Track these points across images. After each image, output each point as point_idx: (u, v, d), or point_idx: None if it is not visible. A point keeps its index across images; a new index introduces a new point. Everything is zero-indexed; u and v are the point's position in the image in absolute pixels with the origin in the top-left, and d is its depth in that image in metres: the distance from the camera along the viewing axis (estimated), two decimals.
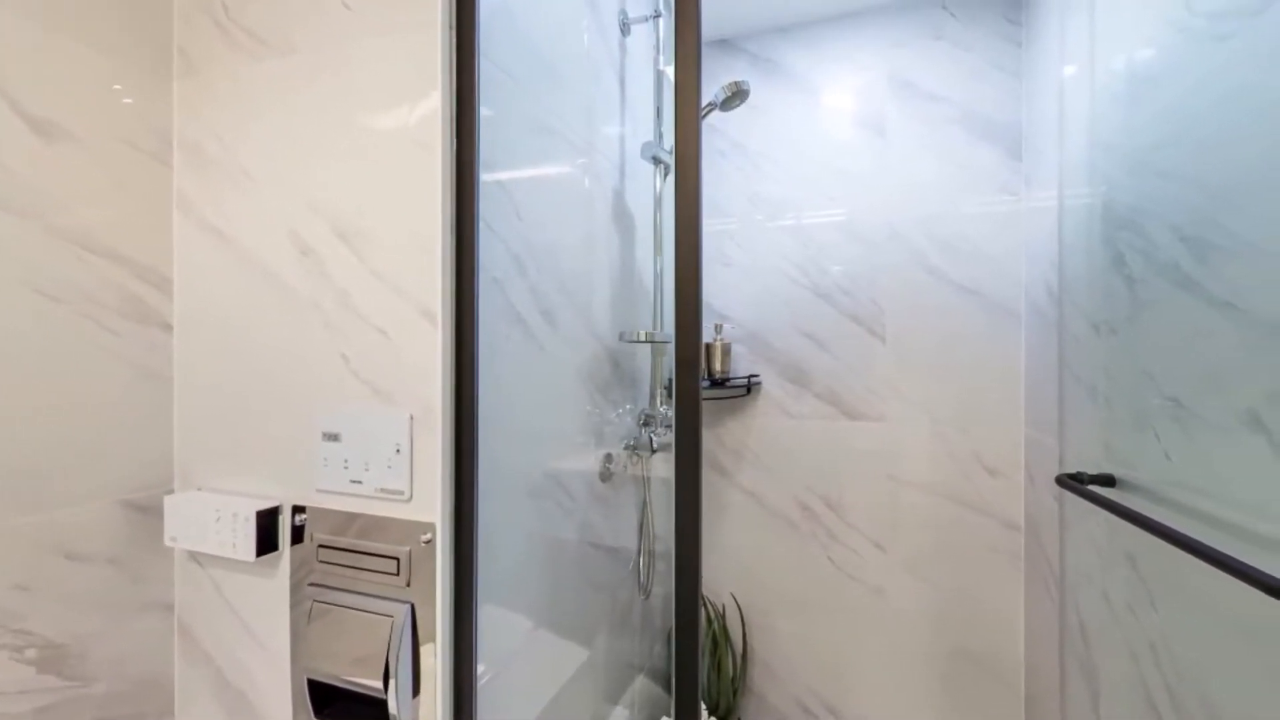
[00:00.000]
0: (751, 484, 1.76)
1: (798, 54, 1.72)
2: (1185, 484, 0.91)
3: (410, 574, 0.82)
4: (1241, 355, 0.80)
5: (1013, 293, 1.55)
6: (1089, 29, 1.21)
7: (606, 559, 1.32)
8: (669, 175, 1.37)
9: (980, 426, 1.56)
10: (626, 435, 1.39)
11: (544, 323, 1.10)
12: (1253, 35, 0.79)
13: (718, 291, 1.77)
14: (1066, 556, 1.30)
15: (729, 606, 1.76)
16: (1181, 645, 0.93)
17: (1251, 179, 0.79)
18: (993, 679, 1.56)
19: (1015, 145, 1.55)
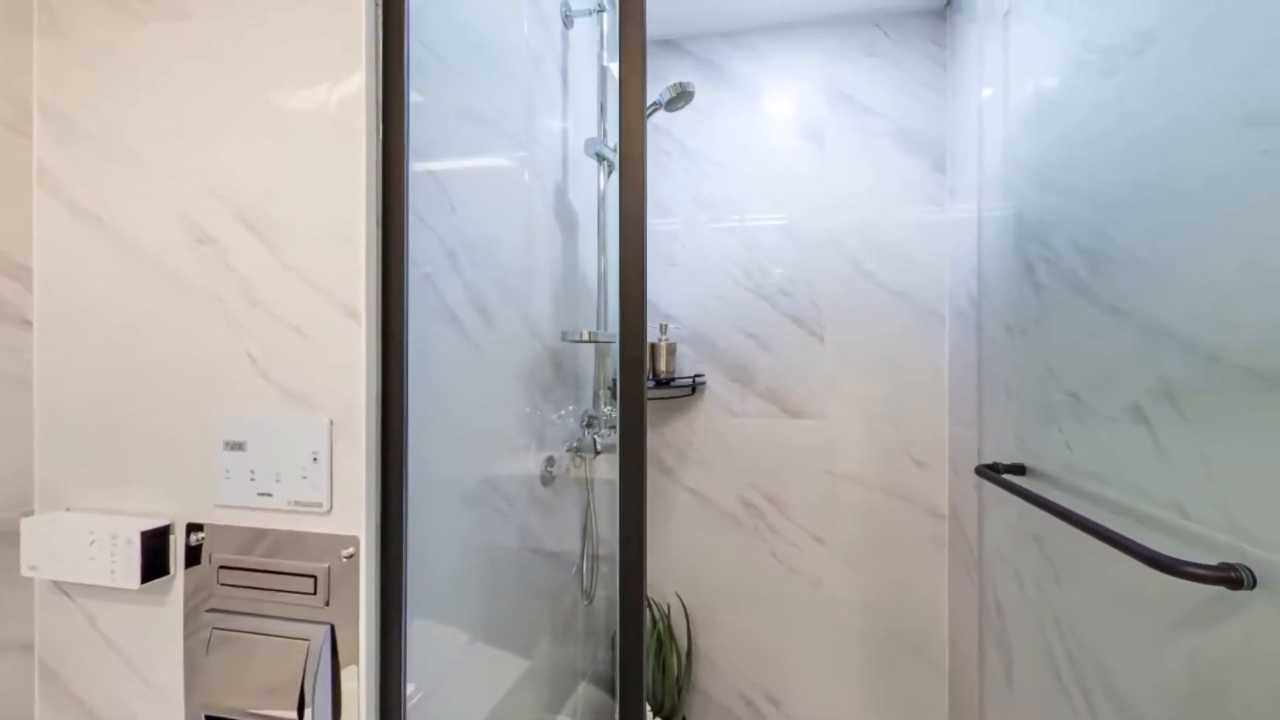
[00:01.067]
0: (696, 482, 1.77)
1: (741, 59, 1.74)
2: (1083, 470, 1.00)
3: (330, 592, 0.76)
4: (1127, 355, 0.88)
5: (938, 296, 1.64)
6: (1003, 56, 1.30)
7: (548, 565, 1.29)
8: (613, 173, 1.35)
9: (910, 422, 1.65)
10: (569, 437, 1.36)
11: (480, 321, 1.05)
12: (1135, 72, 0.87)
13: (663, 291, 1.77)
14: (985, 540, 1.39)
15: (674, 606, 1.77)
16: (1080, 616, 1.01)
17: (1134, 197, 0.88)
18: (920, 658, 1.65)
19: (941, 159, 1.64)
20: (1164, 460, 0.80)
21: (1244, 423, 0.68)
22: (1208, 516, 0.73)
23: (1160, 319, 0.82)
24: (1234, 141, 0.70)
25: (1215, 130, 0.73)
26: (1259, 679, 0.66)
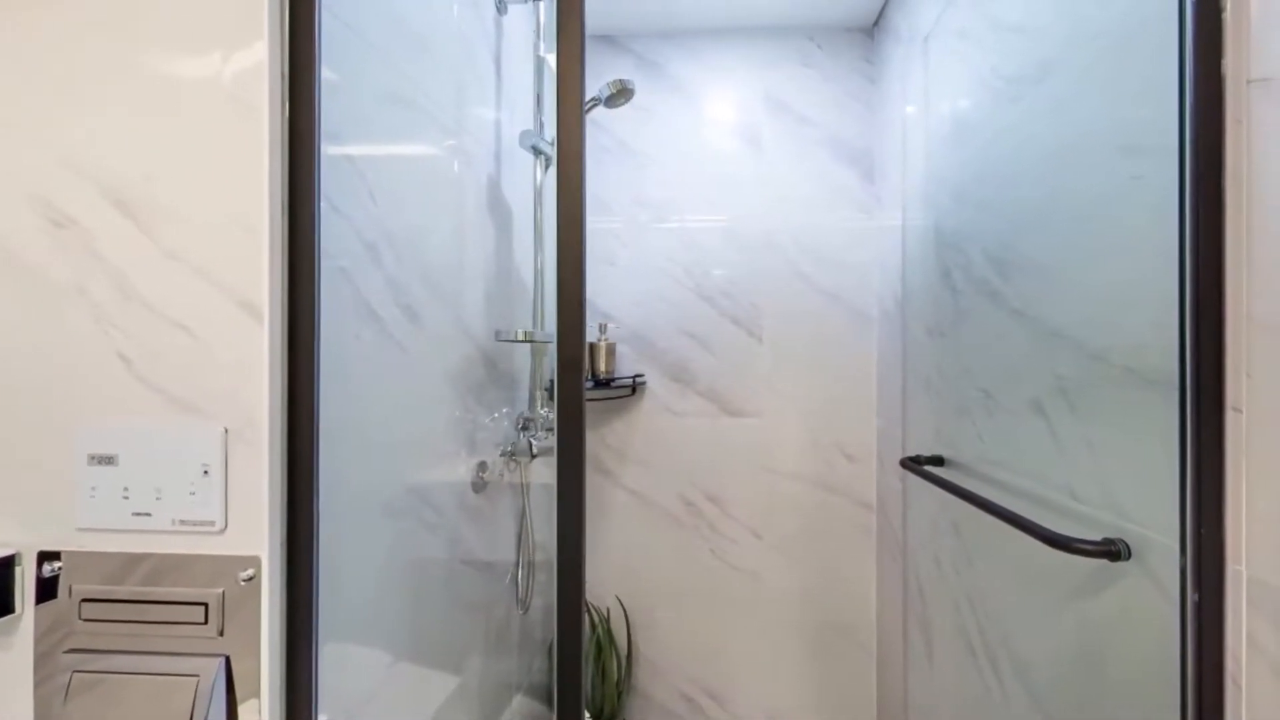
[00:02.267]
0: (636, 483, 1.76)
1: (682, 61, 1.75)
2: (992, 460, 1.08)
3: (224, 621, 0.68)
4: (1030, 355, 0.96)
5: (868, 299, 1.71)
6: (924, 77, 1.37)
7: (480, 576, 1.23)
8: (550, 168, 1.31)
9: (841, 418, 1.72)
10: (503, 441, 1.30)
11: (405, 319, 0.98)
12: (1035, 99, 0.95)
13: (602, 291, 1.74)
14: (908, 528, 1.47)
15: (614, 609, 1.75)
16: (989, 593, 1.09)
17: (1035, 212, 0.96)
18: (850, 643, 1.73)
19: (870, 169, 1.72)
20: (1058, 449, 0.89)
21: (1122, 415, 0.76)
22: (1093, 497, 0.81)
23: (1056, 323, 0.90)
24: (1113, 166, 0.78)
25: (1099, 155, 0.82)
26: (1132, 636, 0.73)
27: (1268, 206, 0.58)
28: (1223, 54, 0.62)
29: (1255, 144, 0.60)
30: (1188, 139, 0.64)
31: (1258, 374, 0.59)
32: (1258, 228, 0.59)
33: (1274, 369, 0.57)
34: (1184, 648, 0.63)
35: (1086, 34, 0.84)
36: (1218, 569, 0.62)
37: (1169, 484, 0.65)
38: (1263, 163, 0.59)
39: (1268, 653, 0.58)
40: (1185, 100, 0.64)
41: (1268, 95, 0.59)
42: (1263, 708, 0.58)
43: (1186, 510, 0.63)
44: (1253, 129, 0.60)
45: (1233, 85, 0.62)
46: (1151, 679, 0.68)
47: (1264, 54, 0.59)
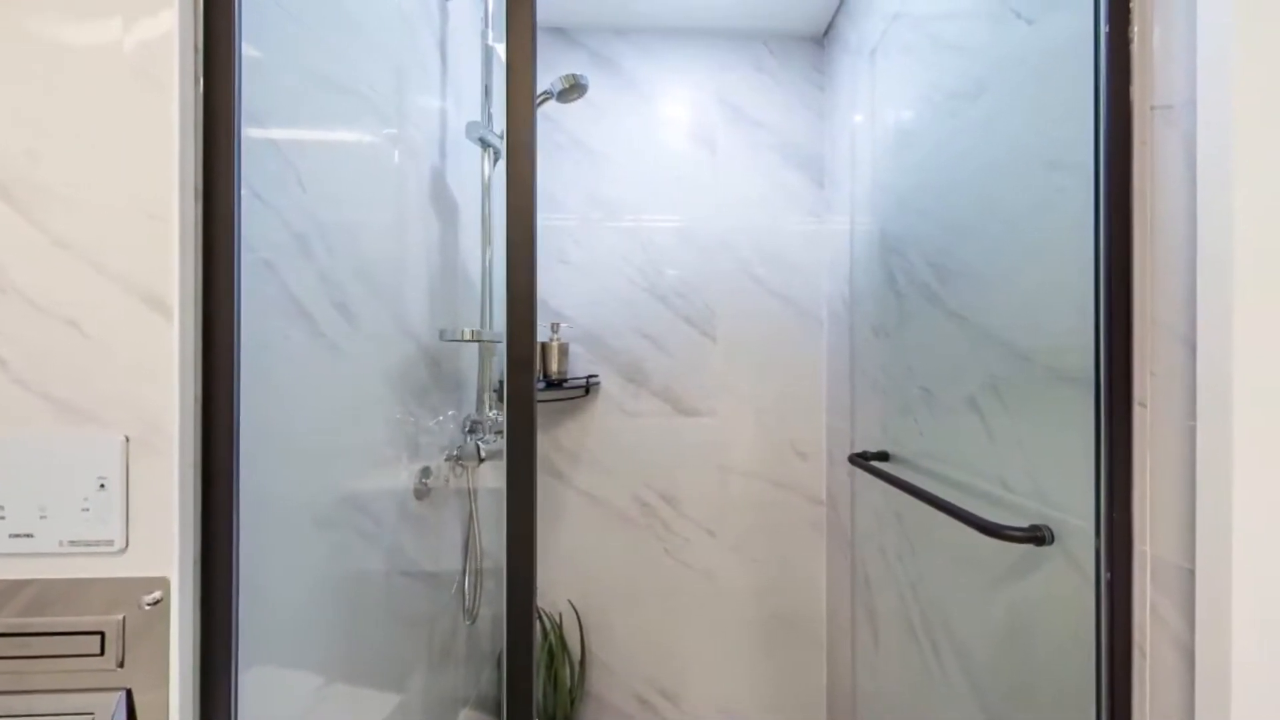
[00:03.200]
0: (589, 485, 1.74)
1: (637, 59, 1.73)
2: (933, 454, 1.13)
3: (125, 650, 0.61)
4: (966, 354, 1.01)
5: (818, 301, 1.75)
6: (870, 88, 1.42)
7: (423, 587, 1.17)
8: (499, 161, 1.27)
9: (793, 416, 1.75)
10: (449, 445, 1.25)
11: (339, 317, 0.92)
12: (971, 114, 1.00)
13: (555, 289, 1.71)
14: (856, 521, 1.52)
15: (566, 614, 1.72)
16: (930, 580, 1.14)
17: (970, 220, 1.01)
18: (802, 635, 1.77)
19: (820, 175, 1.76)
20: (991, 442, 0.94)
21: (1046, 410, 0.81)
22: (1022, 487, 0.86)
23: (989, 324, 0.95)
24: (1039, 180, 0.83)
25: (1027, 169, 0.86)
26: (1056, 614, 0.79)
27: (1167, 221, 0.63)
28: (1131, 82, 0.67)
29: (1157, 165, 0.65)
30: (1101, 158, 0.68)
31: (1160, 372, 0.64)
32: (1159, 239, 0.64)
33: (1173, 367, 0.62)
34: (1099, 622, 0.68)
35: (1016, 56, 0.88)
36: (1127, 550, 0.67)
37: (1086, 473, 0.70)
38: (1163, 182, 0.64)
39: (1168, 624, 0.63)
40: (1099, 122, 0.69)
41: (1168, 121, 0.64)
42: (1164, 673, 0.63)
43: (1100, 497, 0.68)
44: (1155, 151, 0.65)
45: (1139, 110, 0.67)
46: (1073, 652, 0.73)
47: (1165, 83, 0.64)
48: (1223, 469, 0.56)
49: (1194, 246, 0.60)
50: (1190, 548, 0.60)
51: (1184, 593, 0.61)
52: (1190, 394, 0.60)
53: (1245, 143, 0.56)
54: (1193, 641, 0.59)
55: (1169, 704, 0.63)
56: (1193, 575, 0.60)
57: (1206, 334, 0.58)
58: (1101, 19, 0.69)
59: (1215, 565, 0.57)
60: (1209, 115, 0.58)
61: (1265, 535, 0.56)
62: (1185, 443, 0.61)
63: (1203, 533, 0.58)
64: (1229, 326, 0.56)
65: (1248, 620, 0.55)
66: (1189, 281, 0.60)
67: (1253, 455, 0.55)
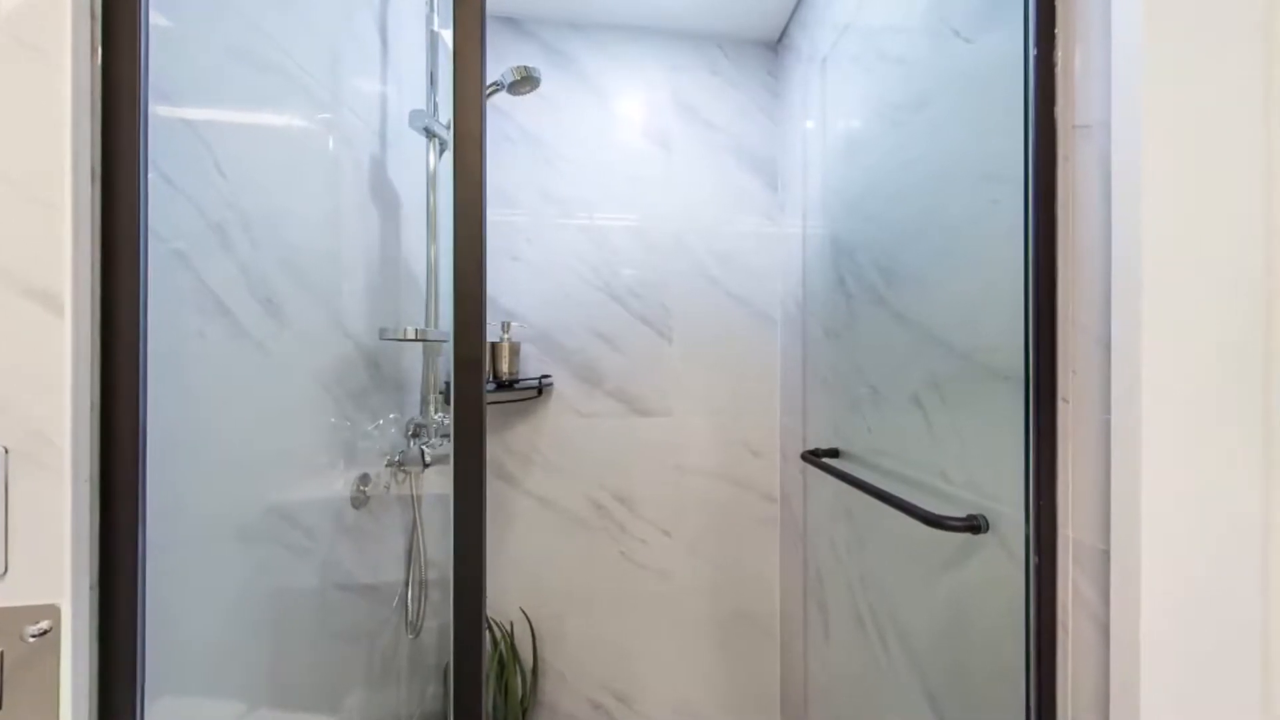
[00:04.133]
0: (542, 488, 1.70)
1: (592, 54, 1.71)
2: (880, 450, 1.17)
3: (1, 689, 0.54)
4: (910, 354, 1.04)
5: (772, 302, 1.78)
6: (821, 96, 1.45)
7: (362, 600, 1.11)
8: (446, 152, 1.22)
9: (747, 415, 1.77)
10: (390, 450, 1.18)
11: (265, 314, 0.85)
12: (915, 126, 1.03)
13: (506, 288, 1.66)
14: (809, 517, 1.55)
15: (518, 622, 1.67)
16: (877, 572, 1.18)
17: (914, 226, 1.04)
18: (756, 630, 1.79)
19: (773, 178, 1.79)
20: (933, 437, 0.98)
21: (982, 406, 0.85)
22: (960, 479, 0.90)
23: (932, 326, 0.99)
24: (977, 191, 0.87)
25: (966, 180, 0.90)
26: (990, 598, 0.83)
27: (1086, 231, 0.68)
28: (1055, 102, 0.72)
29: (1078, 180, 0.70)
30: (1029, 172, 0.73)
31: (1080, 370, 0.69)
32: (1080, 248, 0.69)
33: (1091, 366, 0.67)
34: (1028, 602, 0.73)
35: (956, 72, 0.92)
36: (1052, 535, 0.71)
37: (1017, 464, 0.75)
38: (1083, 195, 0.69)
39: (1087, 601, 0.68)
40: (1028, 138, 0.73)
41: (1088, 139, 0.68)
42: (1083, 646, 0.68)
43: (1029, 486, 0.72)
44: (1076, 167, 0.70)
45: (1063, 129, 0.71)
46: (1005, 632, 0.78)
47: (1085, 105, 0.69)
48: (1132, 458, 0.61)
49: (1109, 255, 0.64)
50: (1106, 531, 0.65)
51: (1101, 572, 0.66)
52: (1106, 390, 0.65)
53: (1152, 161, 0.61)
54: (1108, 616, 0.64)
55: (1087, 674, 0.67)
56: (1108, 556, 0.65)
57: (1119, 335, 0.63)
58: (1030, 42, 0.73)
59: (1127, 546, 0.62)
60: (1121, 135, 0.63)
61: (1169, 518, 0.61)
62: (1102, 435, 0.66)
63: (1116, 517, 0.63)
64: (1138, 328, 0.61)
65: (1154, 595, 0.61)
66: (1105, 287, 0.65)
67: (1158, 445, 0.60)
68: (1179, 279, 0.61)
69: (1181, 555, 0.61)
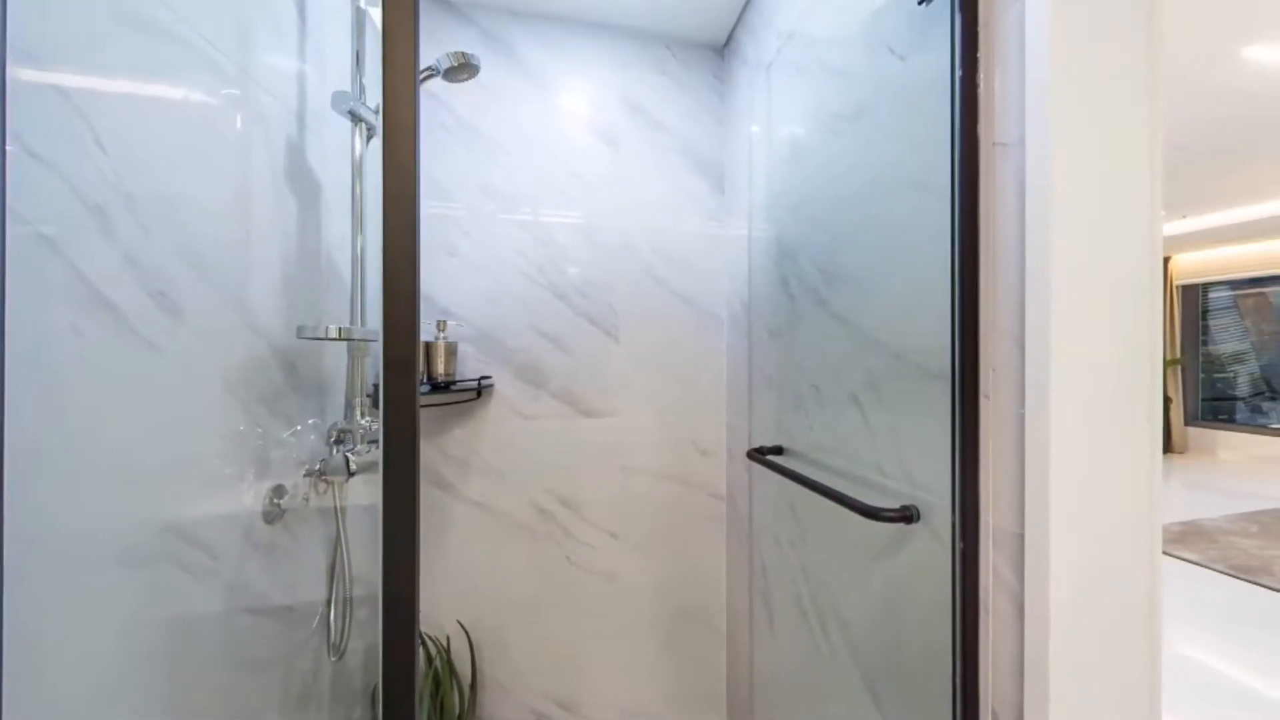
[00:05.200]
0: (481, 494, 1.63)
1: (534, 45, 1.66)
2: (821, 446, 1.19)
3: None
4: (849, 354, 1.08)
5: (718, 303, 1.79)
6: (767, 101, 1.47)
7: (275, 624, 1.01)
8: (374, 139, 1.14)
9: (694, 414, 1.77)
10: (309, 458, 1.09)
11: (157, 309, 0.76)
12: (853, 135, 1.07)
13: (442, 284, 1.58)
14: (754, 513, 1.57)
15: (455, 636, 1.59)
16: (818, 563, 1.21)
17: (853, 231, 1.08)
18: (703, 627, 1.80)
19: (720, 180, 1.80)
20: (870, 433, 1.01)
21: (914, 403, 0.89)
22: (895, 473, 0.94)
23: (868, 327, 1.02)
24: (909, 199, 0.90)
25: (899, 189, 0.93)
26: (922, 583, 0.87)
27: (1004, 241, 0.74)
28: (978, 120, 0.77)
29: (997, 193, 0.75)
30: (955, 184, 0.77)
31: (999, 369, 0.74)
32: (999, 256, 0.75)
33: (1009, 365, 0.73)
34: (954, 585, 0.77)
35: (890, 86, 0.95)
36: (975, 521, 0.76)
37: (945, 457, 0.79)
38: (1001, 208, 0.74)
39: (1006, 582, 0.73)
40: (954, 153, 0.78)
41: (1005, 156, 0.74)
42: (1002, 622, 0.74)
43: (955, 477, 0.77)
44: (995, 182, 0.75)
45: (984, 145, 0.77)
46: (934, 615, 0.82)
47: (1003, 124, 0.74)
48: (1042, 449, 0.67)
49: (1024, 263, 0.70)
50: (1021, 516, 0.70)
51: (1017, 554, 0.71)
52: (1021, 387, 0.70)
53: (1061, 178, 0.67)
54: (1023, 594, 0.70)
55: (1005, 647, 0.73)
56: (1023, 539, 0.70)
57: (1032, 337, 0.69)
58: (956, 64, 0.78)
59: (1038, 529, 0.68)
60: (1034, 154, 0.69)
61: (1073, 503, 0.67)
62: (1018, 428, 0.71)
63: (1029, 503, 0.69)
64: (1048, 330, 0.67)
65: (1061, 573, 0.67)
66: (1020, 293, 0.71)
67: (1064, 437, 0.67)
68: (1082, 287, 0.67)
69: (1082, 536, 0.68)
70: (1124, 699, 0.70)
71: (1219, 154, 3.80)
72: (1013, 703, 0.72)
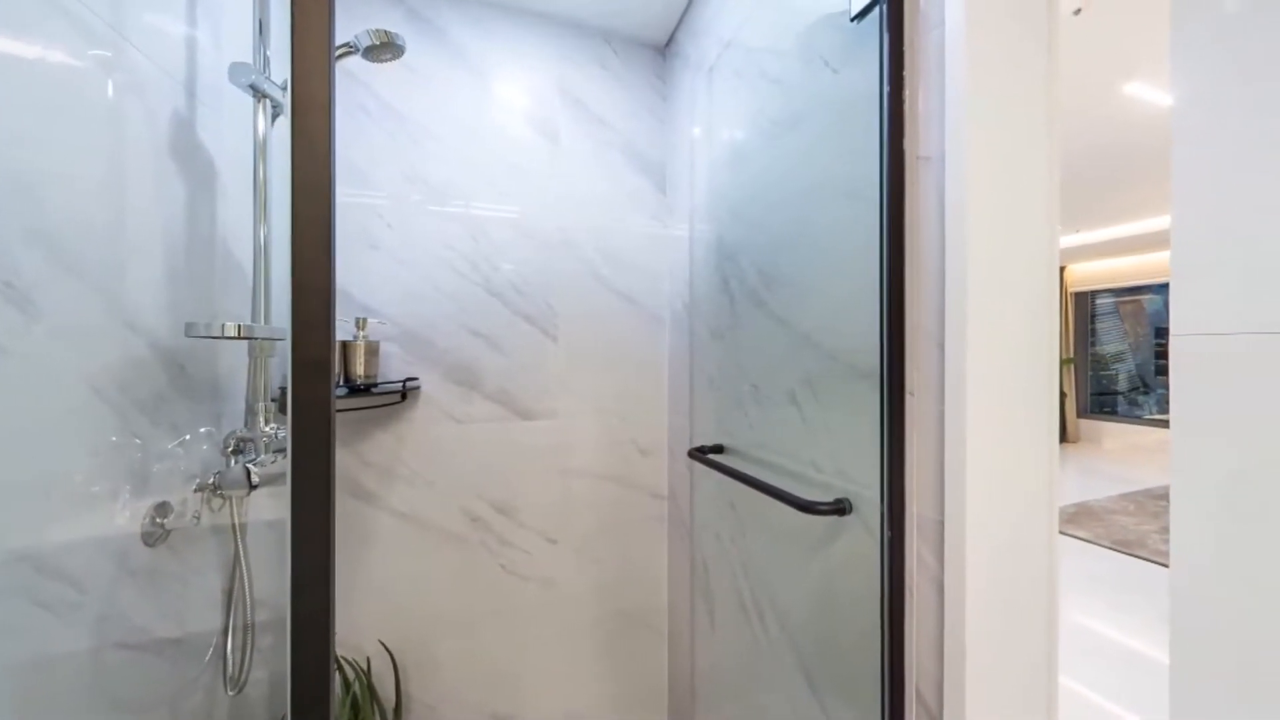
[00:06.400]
0: (407, 504, 1.53)
1: (467, 30, 1.58)
2: (760, 444, 1.22)
3: None
4: (787, 354, 1.10)
5: (660, 303, 1.78)
6: (708, 104, 1.48)
7: (157, 659, 0.90)
8: (281, 118, 1.04)
9: (636, 414, 1.76)
10: (201, 471, 0.98)
11: (2, 302, 0.65)
12: (791, 143, 1.09)
13: (362, 280, 1.47)
14: (695, 512, 1.58)
15: (377, 657, 1.49)
16: (757, 557, 1.24)
17: (791, 235, 1.09)
18: (644, 627, 1.79)
19: (662, 180, 1.79)
20: (807, 430, 1.04)
21: (846, 400, 0.93)
22: (829, 467, 0.97)
23: (805, 328, 1.05)
24: (842, 207, 0.94)
25: (833, 196, 0.96)
26: (854, 572, 0.91)
27: (927, 248, 0.79)
28: (904, 135, 0.81)
29: (920, 203, 0.80)
30: (884, 194, 0.82)
31: (922, 367, 0.79)
32: (922, 262, 0.80)
33: (930, 364, 0.78)
34: (882, 572, 0.82)
35: (825, 98, 0.98)
36: (901, 511, 0.81)
37: (874, 451, 0.83)
38: (924, 217, 0.79)
39: (928, 566, 0.78)
40: (883, 164, 0.81)
41: (928, 170, 0.79)
42: (925, 604, 0.79)
43: (884, 470, 0.81)
44: (919, 193, 0.80)
45: (910, 158, 0.81)
46: (865, 601, 0.86)
47: (927, 139, 0.79)
48: (959, 441, 0.73)
49: (944, 269, 0.75)
50: (942, 504, 0.76)
51: (938, 540, 0.77)
52: (941, 384, 0.76)
53: (975, 192, 0.73)
54: (943, 576, 0.75)
55: (928, 626, 0.79)
56: (943, 525, 0.76)
57: (950, 337, 0.74)
58: (884, 80, 0.81)
59: (956, 515, 0.73)
60: (953, 168, 0.74)
61: (987, 489, 0.73)
62: (939, 422, 0.76)
63: (949, 491, 0.74)
64: (964, 331, 0.72)
65: (976, 556, 0.73)
66: (940, 297, 0.76)
67: (978, 430, 0.72)
68: (994, 292, 0.73)
69: (994, 521, 0.74)
70: (1028, 667, 0.77)
71: (1104, 177, 4.26)
72: (934, 679, 0.77)
